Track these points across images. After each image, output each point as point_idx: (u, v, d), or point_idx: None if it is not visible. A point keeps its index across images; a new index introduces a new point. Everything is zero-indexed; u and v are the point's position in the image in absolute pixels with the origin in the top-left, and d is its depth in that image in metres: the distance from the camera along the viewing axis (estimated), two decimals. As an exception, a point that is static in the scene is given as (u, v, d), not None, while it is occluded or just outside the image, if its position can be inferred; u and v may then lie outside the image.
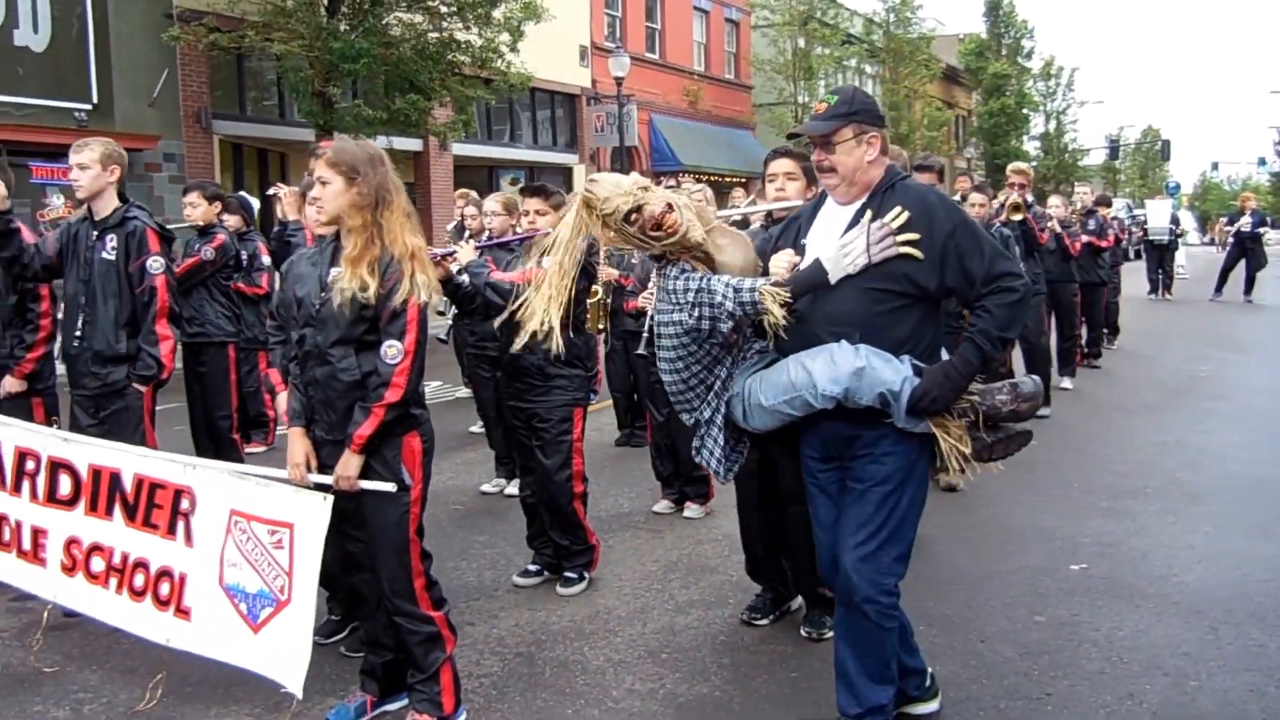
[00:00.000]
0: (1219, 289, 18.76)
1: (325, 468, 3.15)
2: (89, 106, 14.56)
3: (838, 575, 3.07)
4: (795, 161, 4.02)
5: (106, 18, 14.60)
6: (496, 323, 4.24)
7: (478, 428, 7.22)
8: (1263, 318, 16.53)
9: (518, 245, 4.60)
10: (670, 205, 3.08)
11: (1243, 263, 18.34)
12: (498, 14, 14.80)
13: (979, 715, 3.44)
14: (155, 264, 4.26)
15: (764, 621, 4.17)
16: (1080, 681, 3.69)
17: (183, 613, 3.39)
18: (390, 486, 3.08)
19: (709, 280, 3.08)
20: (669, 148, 24.54)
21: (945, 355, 3.06)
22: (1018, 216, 7.47)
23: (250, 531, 3.23)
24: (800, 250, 3.12)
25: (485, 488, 6.22)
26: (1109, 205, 12.43)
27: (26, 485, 3.85)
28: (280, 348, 3.92)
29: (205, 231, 5.78)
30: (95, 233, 4.26)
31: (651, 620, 4.25)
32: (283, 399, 3.83)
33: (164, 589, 3.44)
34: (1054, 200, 9.30)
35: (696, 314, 3.06)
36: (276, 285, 4.15)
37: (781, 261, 3.09)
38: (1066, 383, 9.50)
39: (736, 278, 3.07)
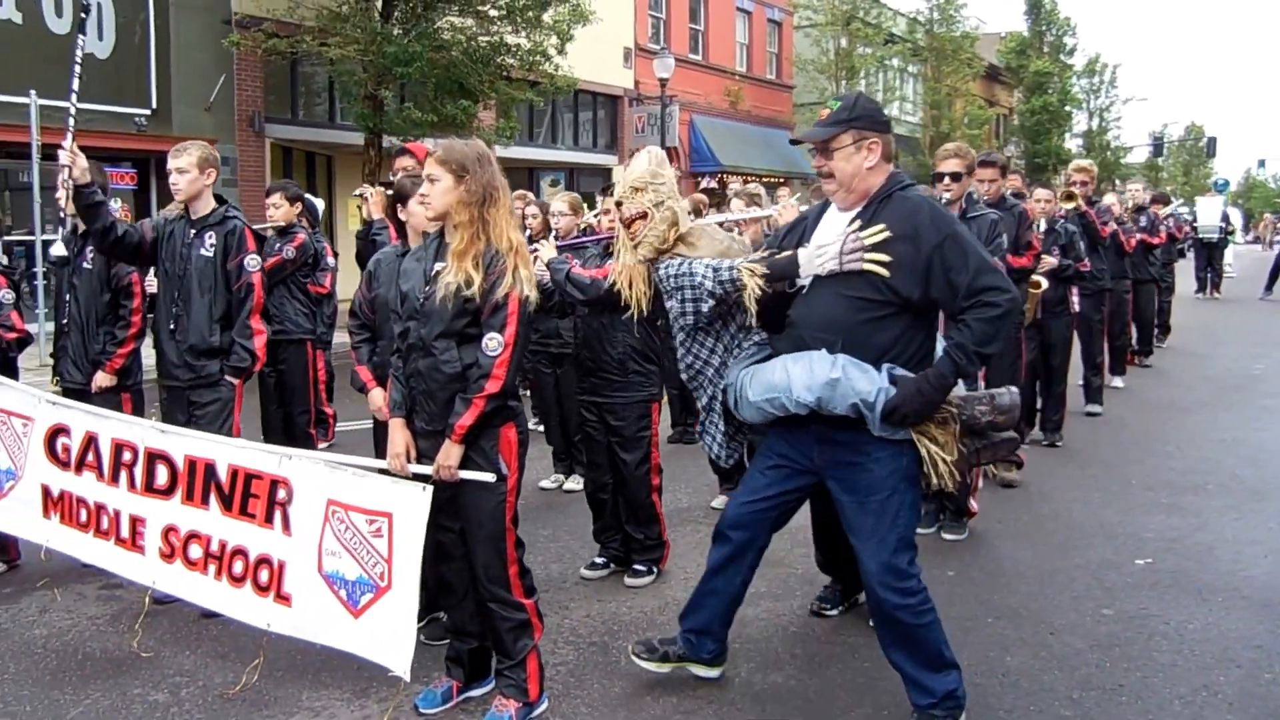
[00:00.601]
0: (1269, 287, 18.49)
1: (424, 458, 3.26)
2: (148, 112, 14.93)
3: (867, 590, 3.22)
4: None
5: (168, 25, 14.95)
6: (568, 318, 4.34)
7: (533, 424, 7.33)
8: (1317, 316, 16.28)
9: (594, 245, 4.69)
10: (640, 214, 3.41)
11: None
12: (547, 17, 14.96)
13: (1054, 705, 3.48)
14: (252, 261, 4.42)
15: (834, 612, 4.23)
16: (1153, 673, 3.72)
17: (283, 598, 3.49)
18: (489, 476, 3.17)
19: (690, 264, 3.31)
20: (708, 148, 24.57)
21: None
22: (1069, 205, 7.46)
23: (349, 521, 3.33)
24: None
25: (544, 483, 6.32)
26: (1166, 203, 12.29)
27: (124, 475, 3.97)
28: (365, 346, 4.07)
29: (285, 231, 5.93)
30: (192, 231, 4.42)
31: None
32: (377, 394, 3.99)
33: (263, 575, 3.55)
34: (1108, 198, 9.24)
35: (680, 297, 3.27)
36: (360, 285, 4.26)
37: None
38: (1118, 381, 9.44)
39: (718, 259, 3.29)
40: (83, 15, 4.65)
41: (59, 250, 4.54)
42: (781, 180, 24.12)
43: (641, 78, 23.24)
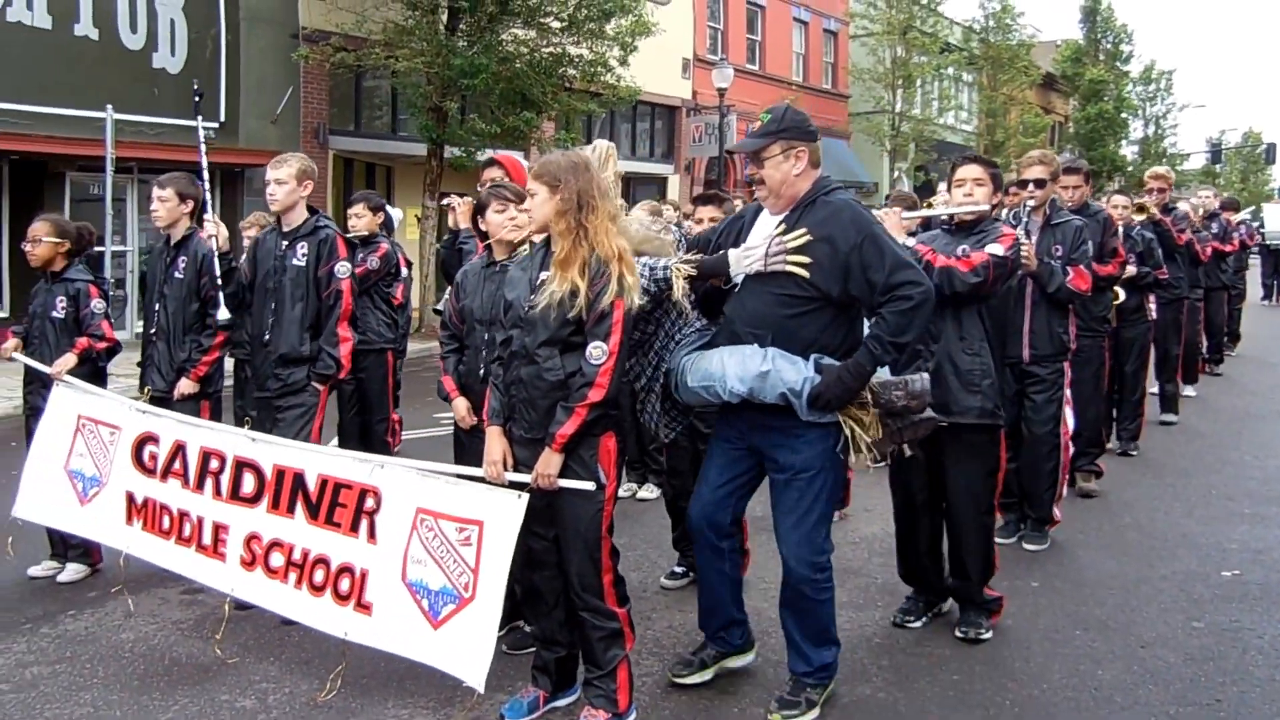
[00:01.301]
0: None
1: (520, 466, 3.27)
2: (216, 125, 15.30)
3: (783, 561, 3.40)
4: (984, 168, 4.09)
5: (238, 40, 15.32)
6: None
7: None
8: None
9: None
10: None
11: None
12: (609, 28, 15.07)
13: (1151, 720, 3.42)
14: (343, 269, 4.49)
15: (917, 624, 4.19)
16: (1250, 688, 3.64)
17: (363, 607, 3.49)
18: (590, 485, 3.18)
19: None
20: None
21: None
22: (1140, 217, 7.34)
23: (438, 529, 3.34)
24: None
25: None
26: (1236, 209, 12.02)
27: (210, 483, 4.01)
28: (453, 356, 4.10)
29: (368, 241, 5.99)
30: (285, 241, 4.51)
31: None
32: (461, 403, 4.04)
33: (344, 584, 3.55)
34: (1184, 205, 9.06)
35: None
36: (449, 296, 4.32)
37: None
38: (1190, 390, 9.27)
39: (653, 259, 3.42)
40: (196, 99, 4.86)
41: (224, 315, 4.73)
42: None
43: (699, 88, 23.29)
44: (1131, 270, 6.47)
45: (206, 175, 4.87)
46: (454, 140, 14.94)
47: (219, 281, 4.68)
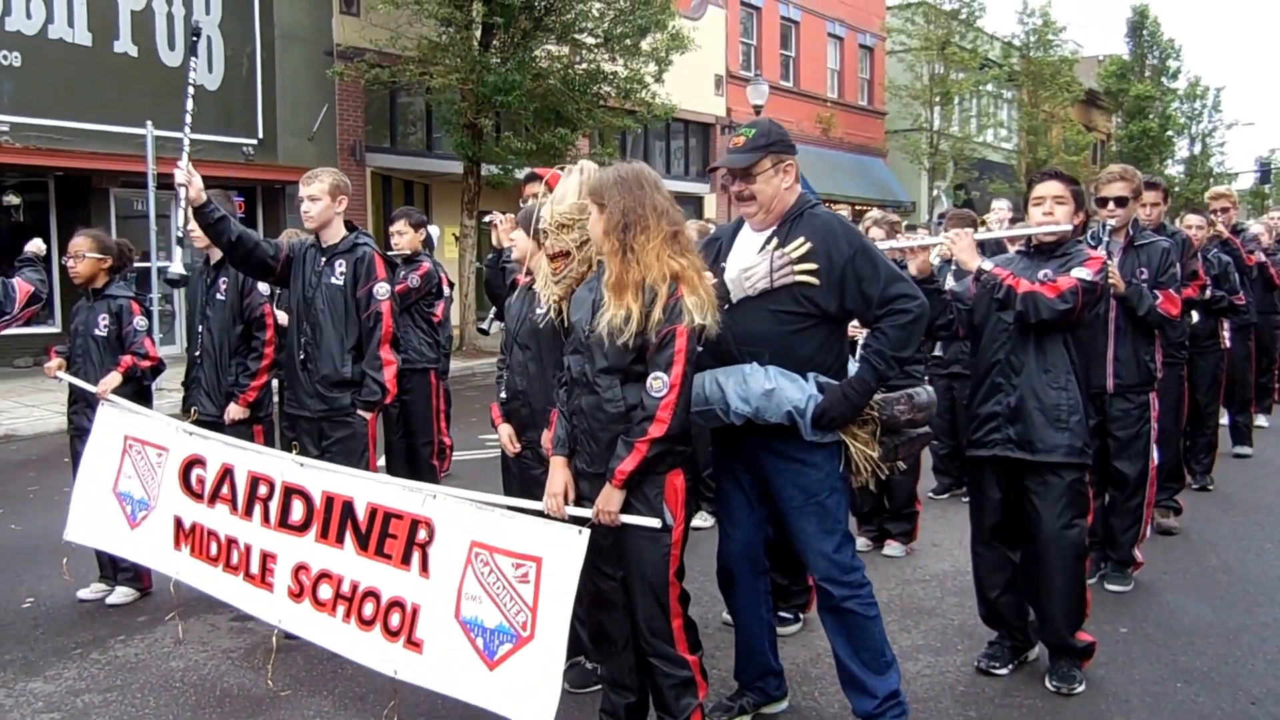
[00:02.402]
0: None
1: (583, 500, 3.07)
2: (254, 141, 15.33)
3: (818, 588, 3.30)
4: (1064, 185, 3.82)
5: (274, 57, 15.38)
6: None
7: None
8: None
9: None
10: (564, 252, 3.33)
11: None
12: (645, 44, 14.93)
13: (1274, 788, 3.11)
14: (382, 290, 4.30)
15: (1003, 671, 3.90)
16: (1380, 753, 3.32)
17: (414, 644, 3.31)
18: (654, 522, 2.95)
19: None
20: (801, 175, 24.27)
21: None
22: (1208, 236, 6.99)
23: (493, 564, 3.14)
24: (719, 273, 3.28)
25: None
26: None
27: (259, 509, 3.87)
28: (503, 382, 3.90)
29: (410, 259, 5.82)
30: (323, 259, 4.34)
31: None
32: (505, 429, 3.83)
33: (394, 619, 3.37)
34: (1255, 226, 8.69)
35: None
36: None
37: None
38: (1262, 420, 8.85)
39: None
40: (194, 39, 4.61)
41: (176, 269, 4.48)
42: (870, 210, 23.68)
43: (733, 104, 23.14)
44: (1209, 294, 6.13)
45: (190, 111, 4.46)
46: (490, 158, 14.84)
47: (179, 238, 4.38)
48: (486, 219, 4.70)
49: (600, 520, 2.97)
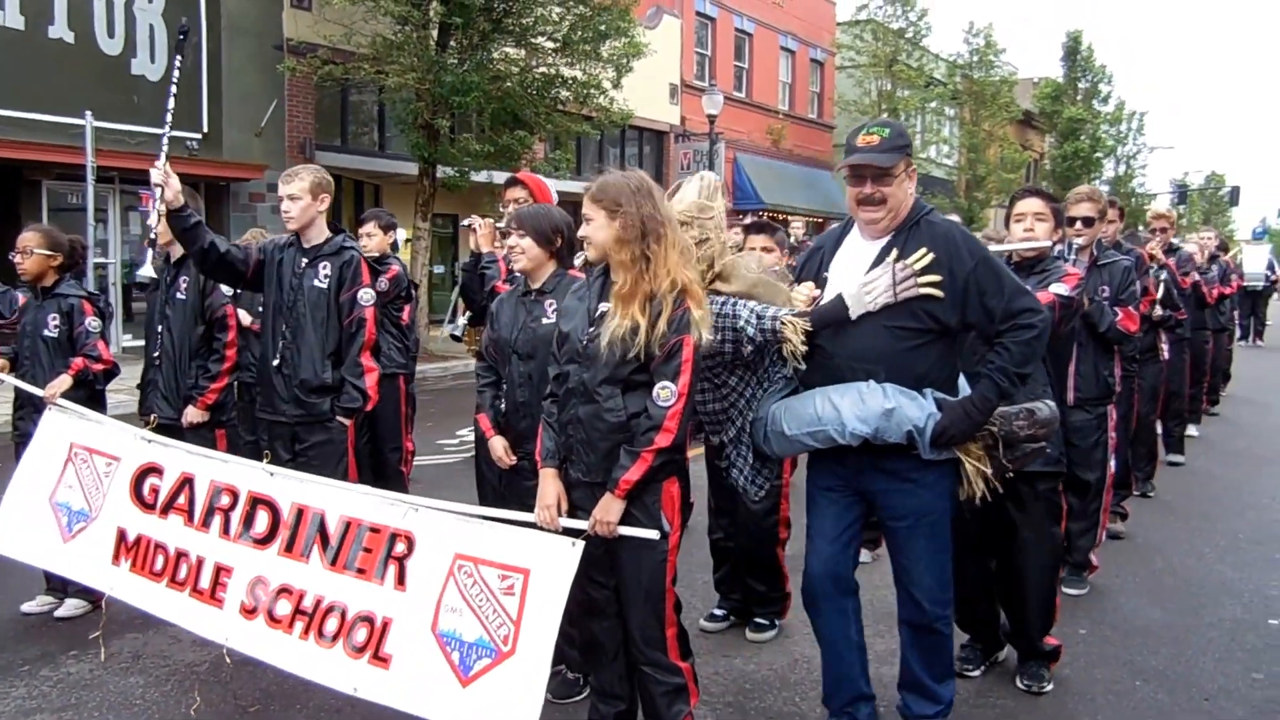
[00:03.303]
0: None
1: (577, 511, 3.02)
2: (199, 136, 14.96)
3: (910, 605, 3.22)
4: (1045, 202, 3.94)
5: (220, 49, 15.02)
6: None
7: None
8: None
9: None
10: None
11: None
12: (604, 50, 14.97)
13: (1233, 781, 3.26)
14: (366, 296, 4.19)
15: (975, 672, 4.00)
16: (1327, 748, 3.50)
17: (380, 660, 3.14)
18: (653, 534, 2.93)
19: (735, 305, 3.13)
20: (751, 186, 24.58)
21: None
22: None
23: (477, 575, 3.02)
24: (821, 283, 3.18)
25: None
26: (1226, 250, 12.12)
27: (218, 520, 3.64)
28: (489, 391, 3.80)
29: (380, 262, 5.64)
30: (305, 260, 4.19)
31: None
32: (498, 442, 3.71)
33: (360, 635, 3.20)
34: (1189, 246, 9.06)
35: (720, 336, 3.08)
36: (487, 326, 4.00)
37: (802, 293, 3.18)
38: (1193, 430, 9.22)
39: (762, 305, 3.12)
40: (181, 38, 4.47)
41: (147, 271, 4.24)
42: (821, 221, 24.09)
43: (688, 113, 23.31)
44: (1159, 311, 6.39)
45: (171, 110, 4.25)
46: (446, 159, 14.71)
47: (154, 238, 4.16)
48: (465, 223, 4.65)
49: (597, 531, 2.93)
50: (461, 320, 5.38)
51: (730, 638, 4.42)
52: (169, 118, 4.20)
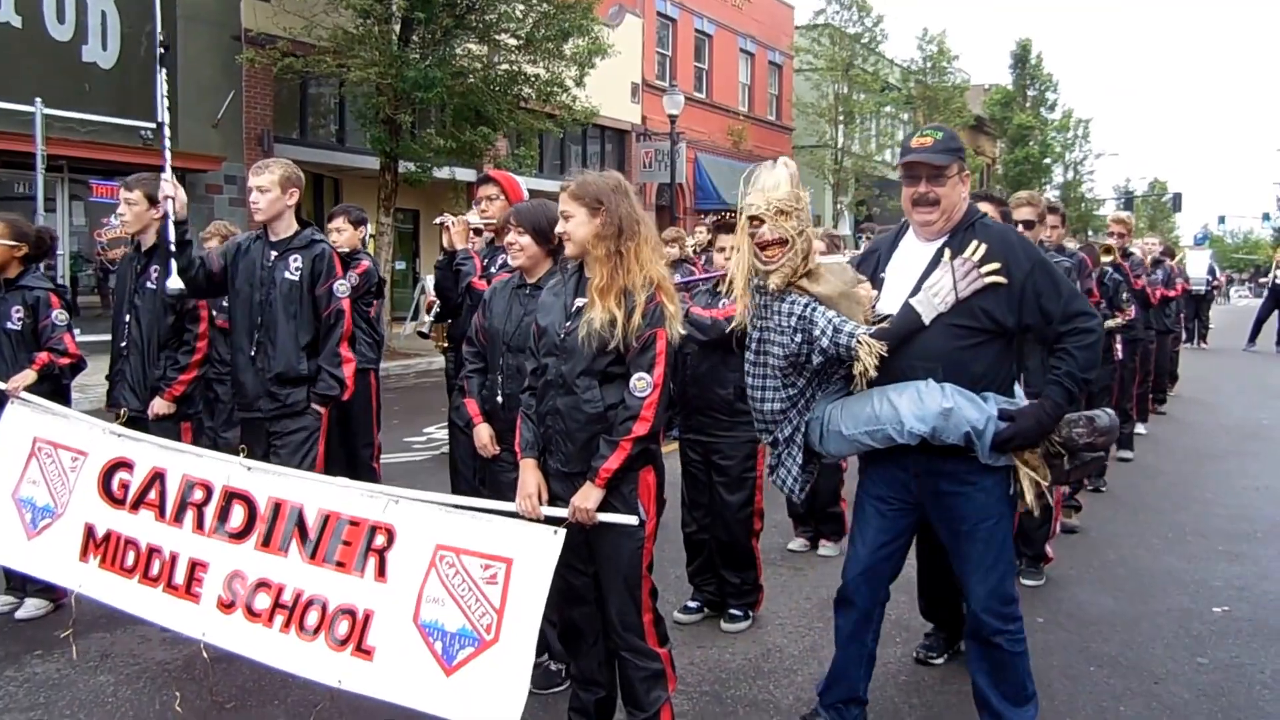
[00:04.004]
0: (1253, 339, 18.95)
1: (556, 500, 3.08)
2: (153, 126, 14.71)
3: (967, 614, 3.21)
4: (995, 206, 4.08)
5: (176, 38, 14.75)
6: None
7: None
8: (1302, 369, 16.67)
9: (703, 282, 4.60)
10: (781, 240, 3.08)
11: (1276, 314, 18.62)
12: (567, 48, 15.00)
13: (1181, 758, 3.43)
14: (342, 287, 4.22)
15: (939, 660, 4.14)
16: (1266, 725, 3.68)
17: (363, 652, 3.16)
18: (632, 519, 3.01)
19: (813, 310, 3.10)
20: (712, 185, 24.77)
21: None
22: (1107, 259, 7.54)
23: (459, 565, 3.06)
24: (878, 284, 3.22)
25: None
26: (1172, 256, 12.56)
27: (190, 515, 3.61)
28: (477, 378, 3.84)
29: (350, 257, 5.60)
30: (274, 254, 4.19)
31: (825, 659, 4.08)
32: (484, 429, 3.77)
33: (342, 628, 3.22)
34: (1136, 252, 9.37)
35: (794, 337, 3.09)
36: (478, 312, 4.04)
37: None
38: (1141, 428, 9.54)
39: (840, 317, 3.07)
40: (162, 50, 4.47)
41: (175, 284, 4.23)
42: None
43: (649, 113, 23.41)
44: (1114, 319, 6.63)
45: (168, 123, 4.44)
46: (408, 154, 14.64)
47: (172, 250, 4.17)
48: (437, 221, 4.67)
49: (577, 519, 3.00)
50: (428, 317, 5.40)
51: (705, 629, 4.51)
52: (166, 130, 4.27)
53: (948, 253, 3.09)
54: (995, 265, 3.02)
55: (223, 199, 15.35)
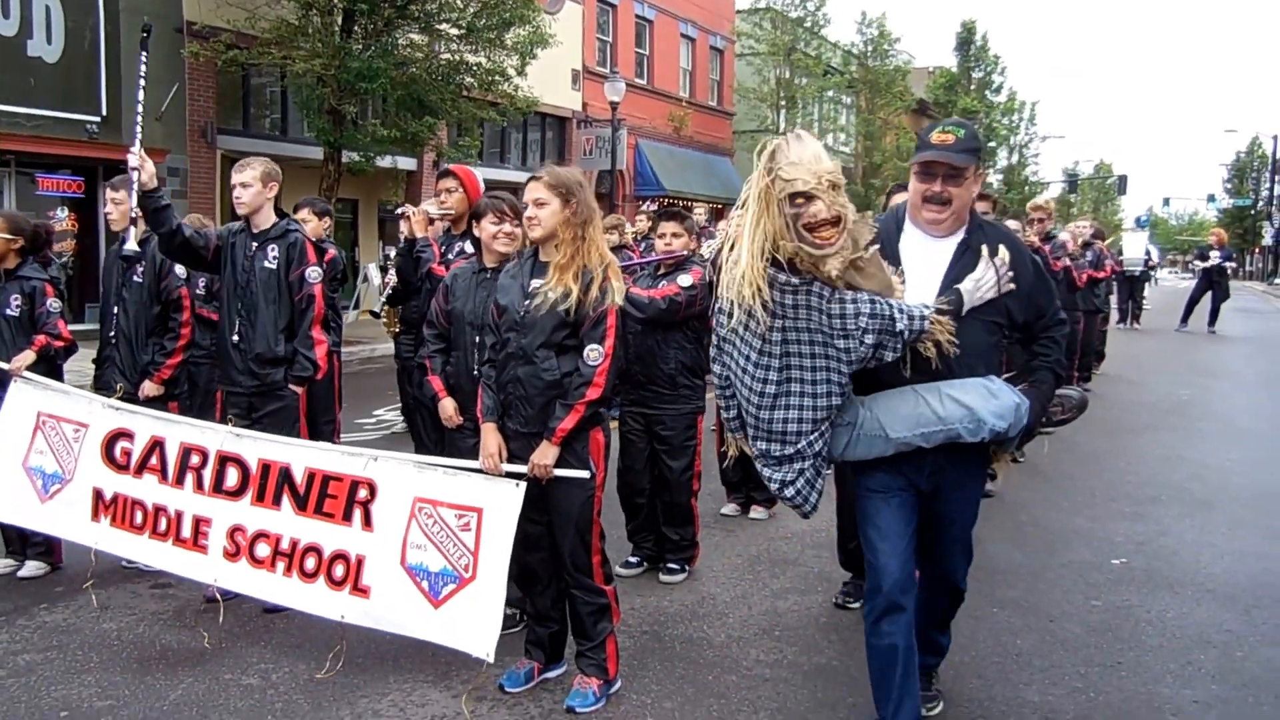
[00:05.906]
0: (1185, 319, 19.64)
1: (515, 458, 3.53)
2: (98, 119, 14.69)
3: (940, 582, 3.49)
4: (987, 203, 4.41)
5: (118, 30, 14.73)
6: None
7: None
8: (1227, 347, 17.53)
9: (645, 267, 4.98)
10: (839, 219, 2.80)
11: (1209, 295, 19.30)
12: (508, 38, 15.20)
13: (1065, 679, 3.94)
14: (314, 274, 4.57)
15: (856, 605, 4.58)
16: (1145, 653, 4.21)
17: (360, 591, 3.65)
18: (585, 473, 3.47)
19: (881, 304, 2.92)
20: (653, 172, 25.09)
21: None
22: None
23: (436, 515, 3.55)
24: (901, 275, 3.17)
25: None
26: (1104, 238, 13.11)
27: (190, 478, 4.06)
28: (440, 356, 4.23)
29: (316, 246, 5.95)
30: (255, 243, 4.55)
31: (755, 604, 4.67)
32: (449, 403, 4.16)
33: (339, 571, 3.70)
34: (1063, 234, 9.91)
35: (873, 340, 2.91)
36: (436, 297, 4.38)
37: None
38: (1062, 404, 10.08)
39: (904, 304, 2.97)
40: (144, 35, 4.72)
41: (131, 246, 4.53)
42: (720, 206, 24.72)
43: (589, 99, 23.63)
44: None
45: (141, 102, 4.67)
46: (351, 144, 14.77)
47: (134, 215, 4.45)
48: (398, 210, 5.00)
49: (535, 474, 3.45)
50: (381, 298, 5.72)
51: (644, 581, 4.96)
52: (140, 108, 4.56)
53: (985, 249, 3.07)
54: (1012, 272, 3.12)
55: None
